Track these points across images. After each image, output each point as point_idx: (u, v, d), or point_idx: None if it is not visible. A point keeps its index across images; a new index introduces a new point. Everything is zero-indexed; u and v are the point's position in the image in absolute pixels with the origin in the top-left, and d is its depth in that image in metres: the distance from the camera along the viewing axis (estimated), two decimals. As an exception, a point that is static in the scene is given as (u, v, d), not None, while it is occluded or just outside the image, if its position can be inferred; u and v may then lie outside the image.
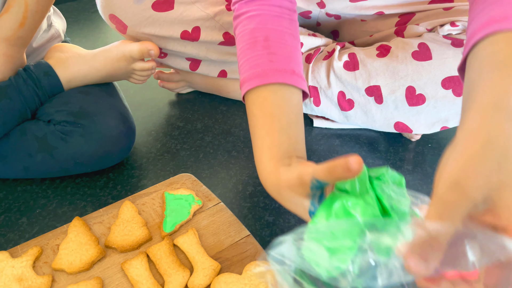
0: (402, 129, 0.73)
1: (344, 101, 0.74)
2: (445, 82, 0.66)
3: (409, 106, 0.69)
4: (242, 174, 0.71)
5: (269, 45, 0.50)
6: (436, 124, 0.70)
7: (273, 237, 0.62)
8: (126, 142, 0.67)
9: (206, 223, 0.59)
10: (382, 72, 0.70)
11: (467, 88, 0.34)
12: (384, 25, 0.79)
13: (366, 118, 0.74)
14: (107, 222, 0.58)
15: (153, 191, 0.63)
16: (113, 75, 0.71)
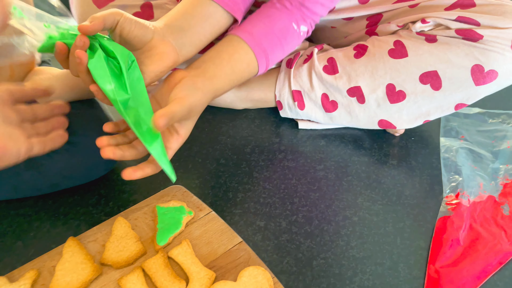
0: (386, 126, 0.75)
1: (328, 102, 0.76)
2: (422, 77, 0.68)
3: (391, 104, 0.71)
4: (231, 181, 0.72)
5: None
6: (418, 118, 0.72)
7: (265, 241, 0.63)
8: None
9: (198, 233, 0.60)
10: (361, 72, 0.71)
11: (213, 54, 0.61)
12: (354, 29, 0.80)
13: (350, 118, 0.76)
14: (101, 240, 0.59)
15: (144, 206, 0.64)
16: (89, 92, 0.70)
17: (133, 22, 0.50)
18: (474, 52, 0.64)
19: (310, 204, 0.69)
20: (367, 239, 0.63)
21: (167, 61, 0.54)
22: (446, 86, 0.67)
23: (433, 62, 0.66)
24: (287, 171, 0.74)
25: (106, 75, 0.49)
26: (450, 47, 0.65)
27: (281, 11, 0.67)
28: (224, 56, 0.61)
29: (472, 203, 0.67)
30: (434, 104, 0.70)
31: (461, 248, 0.61)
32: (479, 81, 0.65)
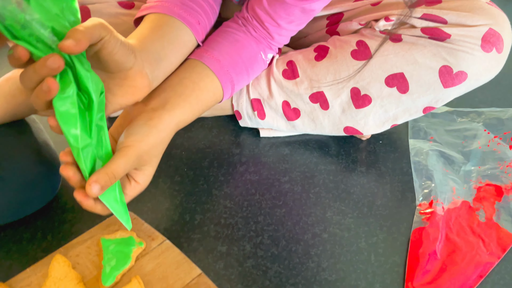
0: (352, 132, 0.70)
1: (289, 110, 0.70)
2: (388, 80, 0.63)
3: (356, 109, 0.66)
4: (188, 202, 0.65)
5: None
6: (386, 123, 0.68)
7: (228, 269, 0.57)
8: (48, 184, 0.60)
9: (151, 267, 0.53)
10: (323, 76, 0.66)
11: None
12: (313, 29, 0.75)
13: (314, 125, 0.71)
14: (36, 284, 0.51)
15: (87, 238, 0.55)
16: (15, 113, 0.61)
17: (118, 44, 0.41)
18: (442, 53, 0.60)
19: (276, 222, 0.63)
20: (339, 259, 0.58)
21: (138, 96, 0.46)
22: (414, 89, 0.62)
23: (399, 63, 0.62)
24: (249, 186, 0.68)
25: (74, 118, 0.40)
26: (416, 47, 0.61)
27: (248, 37, 0.62)
28: (187, 83, 0.55)
29: (446, 211, 0.63)
30: (401, 107, 0.66)
31: (439, 262, 0.57)
32: (447, 83, 0.61)
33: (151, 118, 0.49)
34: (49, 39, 0.37)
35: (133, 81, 0.45)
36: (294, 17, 0.61)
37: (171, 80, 0.55)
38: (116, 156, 0.44)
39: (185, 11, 0.56)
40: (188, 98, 0.54)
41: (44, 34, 0.37)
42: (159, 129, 0.49)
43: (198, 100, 0.55)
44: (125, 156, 0.44)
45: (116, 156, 0.44)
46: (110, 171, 0.42)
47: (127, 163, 0.44)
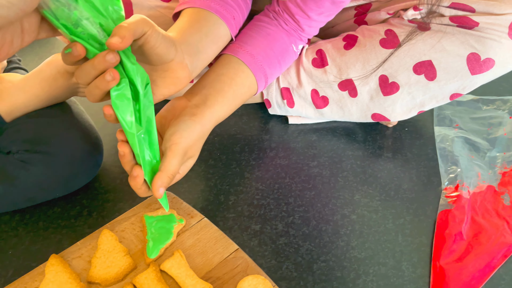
0: (379, 119, 0.72)
1: (318, 98, 0.72)
2: (416, 67, 0.65)
3: (384, 96, 0.68)
4: (222, 184, 0.69)
5: None
6: (413, 110, 0.70)
7: (262, 246, 0.60)
8: (93, 160, 0.64)
9: (191, 242, 0.56)
10: (352, 64, 0.68)
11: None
12: (341, 19, 0.77)
13: (342, 112, 0.73)
14: (87, 256, 0.55)
15: (131, 215, 0.59)
16: (56, 96, 0.64)
17: (160, 37, 0.43)
18: (470, 40, 0.61)
19: (306, 203, 0.66)
20: (368, 238, 0.61)
21: (179, 86, 0.49)
22: (441, 76, 0.64)
23: (427, 51, 0.64)
24: (279, 170, 0.71)
25: (129, 106, 0.43)
26: (444, 35, 0.63)
27: (280, 30, 0.65)
28: (225, 80, 0.58)
29: (472, 194, 0.65)
30: (428, 94, 0.67)
31: (465, 243, 0.59)
32: (475, 70, 0.62)
33: (194, 114, 0.53)
34: (98, 35, 0.41)
35: (175, 73, 0.48)
36: (324, 9, 0.63)
37: (209, 76, 0.58)
38: (169, 155, 0.48)
39: (221, 6, 0.59)
40: (226, 94, 0.57)
41: (94, 31, 0.40)
42: (202, 124, 0.53)
43: (235, 96, 0.58)
44: (176, 154, 0.48)
45: (169, 156, 0.48)
46: (170, 173, 0.47)
47: (179, 160, 0.48)
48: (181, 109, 0.54)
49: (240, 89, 0.59)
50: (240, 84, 0.59)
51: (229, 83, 0.58)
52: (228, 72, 0.59)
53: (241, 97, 0.60)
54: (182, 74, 0.49)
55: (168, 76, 0.48)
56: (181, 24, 0.55)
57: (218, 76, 0.58)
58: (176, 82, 0.49)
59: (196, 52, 0.53)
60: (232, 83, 0.58)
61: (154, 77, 0.48)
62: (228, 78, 0.58)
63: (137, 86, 0.43)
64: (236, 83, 0.59)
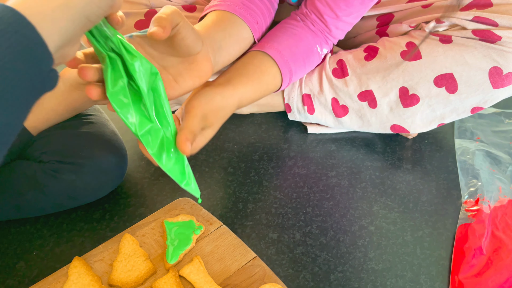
0: (398, 130, 0.72)
1: (338, 107, 0.73)
2: (437, 80, 0.65)
3: (404, 108, 0.68)
4: (240, 191, 0.70)
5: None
6: (433, 122, 0.69)
7: (279, 255, 0.60)
8: (118, 170, 0.65)
9: (210, 248, 0.57)
10: (372, 75, 0.69)
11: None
12: (363, 29, 0.77)
13: (361, 122, 0.73)
14: (108, 259, 0.56)
15: (152, 220, 0.61)
16: (75, 108, 0.65)
17: (190, 29, 0.45)
18: (492, 54, 0.61)
19: (324, 213, 0.66)
20: (386, 250, 0.61)
21: (203, 79, 0.51)
22: (462, 89, 0.64)
23: (449, 64, 0.63)
24: (298, 179, 0.71)
25: (128, 107, 0.43)
26: (466, 48, 0.63)
27: (306, 31, 0.67)
28: (250, 67, 0.60)
29: (493, 209, 0.64)
30: (449, 107, 0.67)
31: (485, 258, 0.58)
32: (497, 84, 0.62)
33: (216, 87, 0.54)
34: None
35: (200, 65, 0.50)
36: (353, 8, 0.64)
37: (235, 66, 0.60)
38: (187, 116, 0.49)
39: (245, 10, 0.60)
40: (251, 77, 0.59)
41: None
42: (223, 96, 0.54)
43: (259, 81, 0.60)
44: (194, 115, 0.49)
45: (188, 117, 0.49)
46: (191, 129, 0.47)
47: (198, 121, 0.49)
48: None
49: (265, 76, 0.61)
50: (265, 72, 0.61)
51: (253, 69, 0.60)
52: (254, 61, 0.61)
53: (265, 84, 0.61)
54: (206, 66, 0.51)
55: (194, 69, 0.50)
56: (206, 22, 0.57)
57: (244, 64, 0.60)
58: (201, 74, 0.50)
59: (219, 48, 0.55)
60: (257, 70, 0.60)
61: (181, 69, 0.49)
62: (253, 65, 0.60)
63: (138, 82, 0.42)
64: (261, 70, 0.60)
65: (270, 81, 0.61)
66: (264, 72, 0.60)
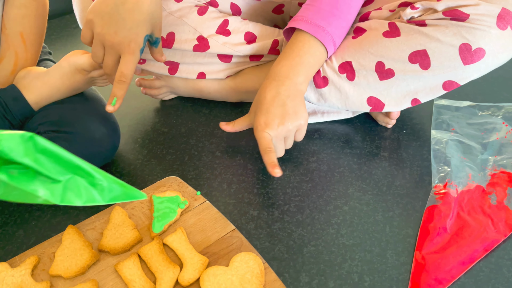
0: (375, 104, 0.75)
1: (319, 78, 0.76)
2: (411, 56, 0.69)
3: (380, 80, 0.72)
4: (226, 173, 0.75)
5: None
6: (407, 97, 0.73)
7: (258, 230, 0.65)
8: (110, 143, 0.71)
9: (193, 221, 0.62)
10: (354, 50, 0.73)
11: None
12: None
13: (340, 95, 0.76)
14: (99, 228, 0.61)
15: (141, 195, 0.66)
16: (76, 88, 0.72)
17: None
18: (462, 31, 0.66)
19: (302, 194, 0.71)
20: (357, 228, 0.65)
21: None
22: (435, 65, 0.68)
23: (423, 41, 0.68)
24: (280, 163, 0.76)
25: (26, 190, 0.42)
26: (438, 28, 0.67)
27: None
28: (295, 54, 0.73)
29: (460, 193, 0.68)
30: (422, 82, 0.71)
31: (448, 236, 0.63)
32: (467, 60, 0.66)
33: (279, 82, 0.73)
34: None
35: None
36: None
37: (284, 55, 0.74)
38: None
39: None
40: (303, 64, 0.73)
41: None
42: (289, 93, 0.71)
43: (308, 62, 0.73)
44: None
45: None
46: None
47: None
48: None
49: (311, 57, 0.72)
50: (308, 53, 0.72)
51: (299, 54, 0.72)
52: (296, 47, 0.72)
53: (316, 63, 0.73)
54: None
55: None
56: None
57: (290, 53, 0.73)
58: None
59: None
60: (302, 56, 0.72)
61: None
62: (297, 50, 0.72)
63: (19, 160, 0.41)
64: (305, 53, 0.72)
65: (318, 58, 0.72)
66: (308, 53, 0.71)
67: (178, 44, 0.79)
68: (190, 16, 0.78)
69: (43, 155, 0.43)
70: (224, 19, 0.81)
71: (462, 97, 0.89)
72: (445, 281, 0.57)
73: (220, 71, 0.85)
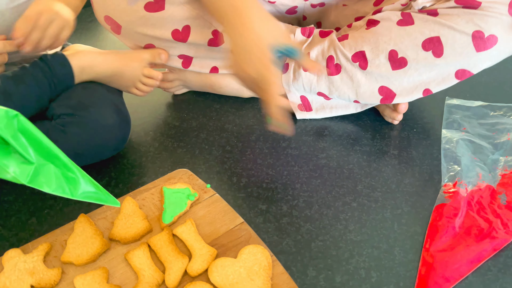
0: (386, 93, 0.75)
1: (332, 65, 0.77)
2: (425, 44, 0.69)
3: (392, 70, 0.73)
4: (236, 167, 0.75)
5: None
6: (419, 87, 0.73)
7: (266, 223, 0.66)
8: (121, 132, 0.72)
9: (202, 213, 0.63)
10: (367, 39, 0.73)
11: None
12: (364, 6, 0.82)
13: (351, 83, 0.76)
14: (111, 217, 0.62)
15: (152, 187, 0.67)
16: (123, 73, 0.76)
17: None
18: (474, 19, 0.66)
19: (311, 190, 0.71)
20: (365, 224, 0.66)
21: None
22: (448, 53, 0.69)
23: (437, 28, 0.68)
24: (290, 159, 0.77)
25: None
26: (451, 16, 0.68)
27: None
28: None
29: (470, 192, 0.68)
30: (434, 71, 0.71)
31: (456, 234, 0.63)
32: (480, 47, 0.66)
33: None
34: None
35: None
36: None
37: None
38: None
39: None
40: None
41: None
42: None
43: None
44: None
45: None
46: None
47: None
48: None
49: None
50: None
51: None
52: None
53: None
54: None
55: None
56: None
57: None
58: None
59: None
60: None
61: None
62: None
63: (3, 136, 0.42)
64: None
65: None
66: None
67: (193, 38, 0.79)
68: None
69: (24, 135, 0.44)
70: None
71: (474, 97, 0.89)
72: (452, 279, 0.57)
73: None
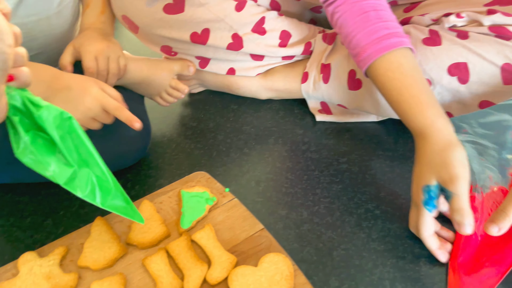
0: None
1: (353, 80, 0.75)
2: (451, 68, 0.67)
3: None
4: (254, 171, 0.73)
5: (379, 16, 0.63)
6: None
7: (286, 230, 0.64)
8: (142, 143, 0.70)
9: (221, 218, 0.61)
10: None
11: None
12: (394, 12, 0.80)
13: (371, 100, 0.74)
14: (128, 221, 0.61)
15: (169, 190, 0.65)
16: (151, 81, 0.76)
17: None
18: (506, 51, 0.63)
19: (332, 195, 0.69)
20: (389, 233, 0.63)
21: None
22: (474, 81, 0.66)
23: (465, 54, 0.65)
24: (310, 163, 0.75)
25: (39, 163, 0.43)
26: (482, 44, 0.64)
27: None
28: None
29: (485, 196, 0.66)
30: (457, 97, 0.69)
31: (479, 242, 0.60)
32: (508, 80, 0.63)
33: None
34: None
35: None
36: None
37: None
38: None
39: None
40: None
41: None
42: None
43: None
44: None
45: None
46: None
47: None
48: None
49: None
50: None
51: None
52: None
53: None
54: None
55: None
56: None
57: None
58: None
59: None
60: None
61: None
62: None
63: (50, 133, 0.43)
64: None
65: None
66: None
67: (213, 41, 0.77)
68: (227, 12, 0.77)
69: (71, 138, 0.45)
70: (261, 17, 0.79)
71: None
72: (482, 292, 0.55)
73: (251, 68, 0.84)
